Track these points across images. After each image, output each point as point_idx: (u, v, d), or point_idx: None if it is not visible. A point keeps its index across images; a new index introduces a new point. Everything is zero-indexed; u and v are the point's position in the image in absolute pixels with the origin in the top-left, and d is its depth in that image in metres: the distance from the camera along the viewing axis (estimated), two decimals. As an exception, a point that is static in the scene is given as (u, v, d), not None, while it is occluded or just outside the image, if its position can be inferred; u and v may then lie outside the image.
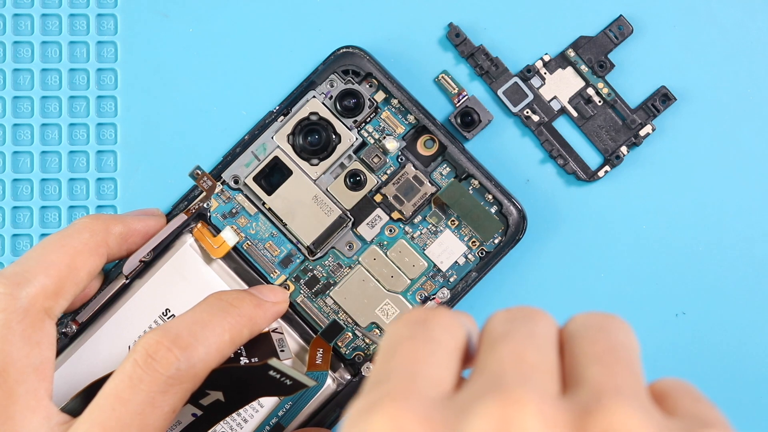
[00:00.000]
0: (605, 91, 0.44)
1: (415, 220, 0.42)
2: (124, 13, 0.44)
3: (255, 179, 0.42)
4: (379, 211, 0.42)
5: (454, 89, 0.44)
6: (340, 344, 0.42)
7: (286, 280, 0.42)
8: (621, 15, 0.44)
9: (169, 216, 0.42)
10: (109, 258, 0.39)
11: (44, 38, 0.44)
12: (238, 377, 0.36)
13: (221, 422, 0.39)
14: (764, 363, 0.44)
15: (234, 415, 0.40)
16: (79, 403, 0.36)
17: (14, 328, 0.35)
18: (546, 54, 0.44)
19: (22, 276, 0.36)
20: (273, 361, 0.34)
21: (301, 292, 0.42)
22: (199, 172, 0.42)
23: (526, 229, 0.42)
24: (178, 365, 0.33)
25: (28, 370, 0.35)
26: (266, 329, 0.40)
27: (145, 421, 0.33)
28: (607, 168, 0.44)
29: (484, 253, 0.42)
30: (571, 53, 0.44)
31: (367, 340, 0.42)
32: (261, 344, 0.39)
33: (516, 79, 0.44)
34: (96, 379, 0.37)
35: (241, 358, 0.38)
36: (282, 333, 0.41)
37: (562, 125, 0.44)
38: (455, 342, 0.27)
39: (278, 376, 0.35)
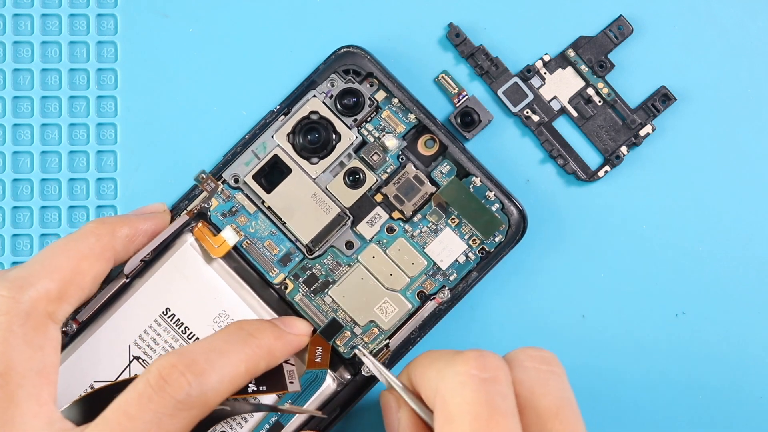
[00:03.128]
0: (605, 91, 0.44)
1: (415, 219, 0.42)
2: (124, 13, 0.44)
3: (254, 177, 0.42)
4: (378, 210, 0.42)
5: (454, 89, 0.44)
6: (338, 343, 0.42)
7: (285, 279, 0.42)
8: (621, 15, 0.44)
9: (171, 216, 0.42)
10: (116, 261, 0.39)
11: (44, 38, 0.44)
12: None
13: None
14: (764, 363, 0.44)
15: (233, 414, 0.40)
16: (80, 408, 0.36)
17: (16, 332, 0.35)
18: (546, 54, 0.44)
19: (25, 280, 0.36)
20: (284, 407, 0.34)
21: (300, 290, 0.42)
22: (204, 176, 0.42)
23: (526, 229, 0.42)
24: (189, 391, 0.33)
25: (30, 373, 0.35)
26: None
27: None
28: (607, 168, 0.44)
29: (484, 252, 0.42)
30: (571, 53, 0.44)
31: (366, 339, 0.42)
32: (271, 373, 0.38)
33: (516, 79, 0.44)
34: (101, 387, 0.37)
35: (250, 385, 0.38)
36: (293, 365, 0.40)
37: (562, 125, 0.44)
38: None
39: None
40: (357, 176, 0.42)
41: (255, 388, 0.38)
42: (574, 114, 0.44)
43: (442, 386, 0.32)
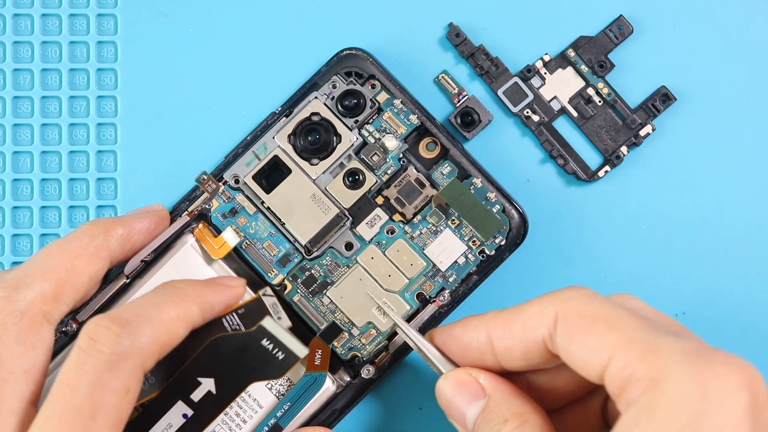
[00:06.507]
0: (605, 91, 0.44)
1: (415, 220, 0.42)
2: (124, 13, 0.44)
3: (254, 178, 0.42)
4: (378, 211, 0.42)
5: (454, 89, 0.44)
6: (336, 344, 0.42)
7: (283, 280, 0.42)
8: (621, 15, 0.44)
9: (171, 216, 0.42)
10: (113, 260, 0.39)
11: (44, 38, 0.44)
12: (229, 355, 0.36)
13: (220, 423, 0.39)
14: (764, 363, 0.43)
15: (233, 415, 0.40)
16: None
17: (10, 329, 0.36)
18: (546, 54, 0.44)
19: (20, 280, 0.36)
20: (266, 322, 0.34)
21: (298, 291, 0.42)
22: (205, 177, 0.42)
23: (527, 233, 0.42)
24: (119, 341, 0.33)
25: (17, 371, 0.35)
26: (255, 295, 0.40)
27: (96, 402, 0.33)
28: (607, 168, 0.44)
29: (485, 254, 0.42)
30: (571, 53, 0.44)
31: (363, 340, 0.42)
32: (254, 310, 0.39)
33: (516, 79, 0.44)
34: None
35: (227, 319, 0.38)
36: (273, 296, 0.40)
37: (562, 125, 0.44)
38: None
39: (271, 347, 0.35)
40: (356, 177, 0.42)
41: (237, 321, 0.38)
42: (574, 114, 0.44)
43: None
